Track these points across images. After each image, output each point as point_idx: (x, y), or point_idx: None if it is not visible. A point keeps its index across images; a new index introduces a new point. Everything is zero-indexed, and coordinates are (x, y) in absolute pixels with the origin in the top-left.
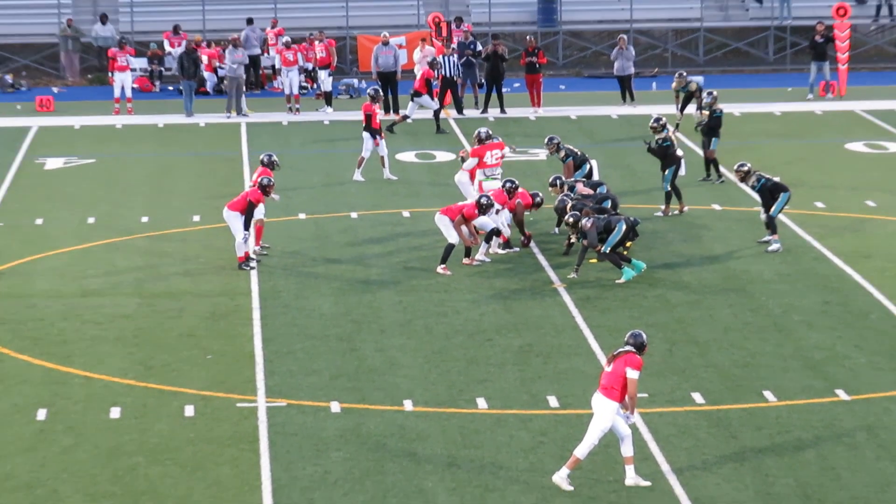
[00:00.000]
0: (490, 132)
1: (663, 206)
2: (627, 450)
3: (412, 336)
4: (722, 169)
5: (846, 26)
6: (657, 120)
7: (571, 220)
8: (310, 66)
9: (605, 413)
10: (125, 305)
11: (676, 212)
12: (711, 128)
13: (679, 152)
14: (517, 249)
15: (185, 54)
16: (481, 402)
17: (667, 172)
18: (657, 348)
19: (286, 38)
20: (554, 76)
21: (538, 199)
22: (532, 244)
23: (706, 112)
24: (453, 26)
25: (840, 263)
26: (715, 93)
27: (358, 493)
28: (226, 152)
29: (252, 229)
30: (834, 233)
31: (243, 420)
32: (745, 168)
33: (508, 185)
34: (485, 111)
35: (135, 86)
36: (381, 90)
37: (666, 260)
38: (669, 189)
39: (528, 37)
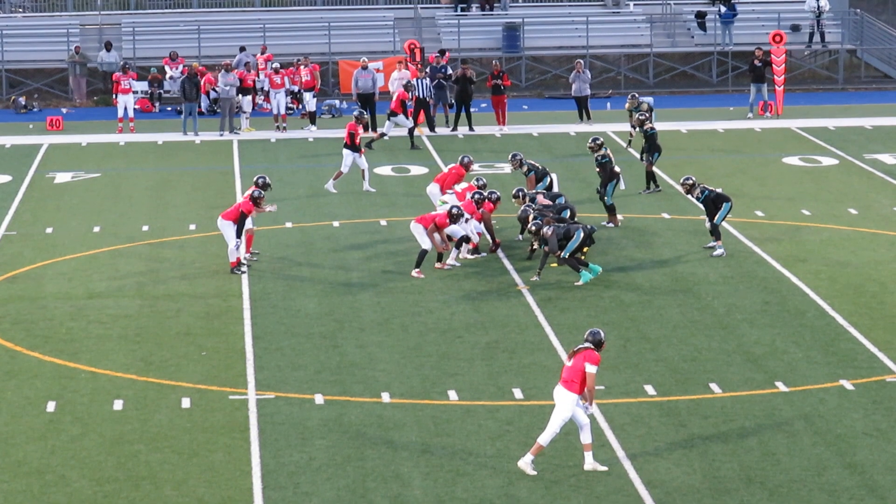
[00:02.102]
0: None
1: (608, 217)
2: (586, 437)
3: (389, 334)
4: (669, 181)
5: (782, 52)
6: (594, 140)
7: (534, 228)
8: (296, 88)
9: (565, 404)
10: (128, 306)
11: (610, 224)
12: (650, 145)
13: (616, 168)
14: (485, 255)
15: (187, 79)
16: (452, 394)
17: (608, 187)
18: (612, 344)
19: (275, 64)
20: (517, 97)
21: (494, 195)
22: (498, 250)
23: (638, 131)
24: (436, 55)
25: (778, 267)
26: (645, 116)
27: (340, 477)
28: (219, 167)
29: (243, 237)
30: (772, 239)
31: (235, 411)
32: (690, 181)
33: (477, 196)
34: (454, 129)
35: (136, 107)
36: (365, 112)
37: (620, 264)
38: (612, 202)
39: (494, 61)
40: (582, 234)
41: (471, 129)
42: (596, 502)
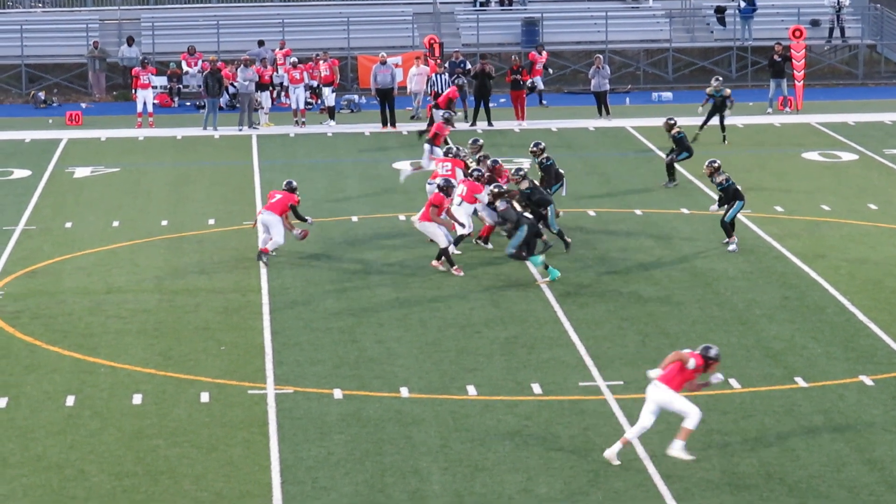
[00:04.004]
0: (453, 149)
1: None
2: (688, 423)
3: (408, 329)
4: (689, 176)
5: (802, 47)
6: (536, 144)
7: (495, 190)
8: (315, 83)
9: (660, 397)
10: (146, 301)
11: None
12: (679, 147)
13: (561, 171)
14: (491, 246)
15: (209, 74)
16: (471, 389)
17: (552, 188)
18: (631, 340)
19: (293, 59)
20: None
21: (477, 173)
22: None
23: (668, 135)
24: (535, 53)
25: (797, 262)
26: (673, 120)
27: (358, 472)
28: (238, 162)
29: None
30: (792, 234)
31: (254, 406)
32: (717, 164)
33: (476, 173)
34: (473, 124)
35: (156, 102)
36: (454, 114)
37: (638, 259)
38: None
39: (513, 56)
40: (526, 230)
41: (489, 123)
42: (615, 497)
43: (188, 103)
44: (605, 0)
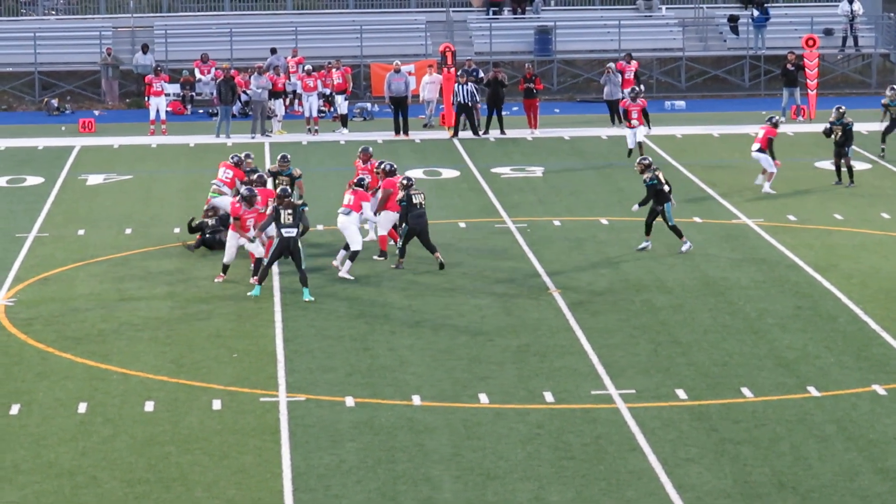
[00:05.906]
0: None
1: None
2: None
3: (420, 336)
4: (700, 184)
5: (815, 55)
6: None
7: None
8: (328, 91)
9: None
10: (159, 308)
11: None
12: (847, 139)
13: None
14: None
15: (223, 82)
16: (483, 398)
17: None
18: (643, 349)
19: (307, 66)
20: (549, 100)
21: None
22: (529, 254)
23: (838, 127)
24: (623, 63)
25: (810, 271)
26: (843, 108)
27: (370, 480)
28: None
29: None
30: (805, 243)
31: (266, 413)
32: (647, 161)
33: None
34: (486, 132)
35: (168, 109)
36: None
37: (650, 268)
38: None
39: (526, 65)
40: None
41: (502, 132)
42: None
43: (201, 111)
44: (618, 9)
